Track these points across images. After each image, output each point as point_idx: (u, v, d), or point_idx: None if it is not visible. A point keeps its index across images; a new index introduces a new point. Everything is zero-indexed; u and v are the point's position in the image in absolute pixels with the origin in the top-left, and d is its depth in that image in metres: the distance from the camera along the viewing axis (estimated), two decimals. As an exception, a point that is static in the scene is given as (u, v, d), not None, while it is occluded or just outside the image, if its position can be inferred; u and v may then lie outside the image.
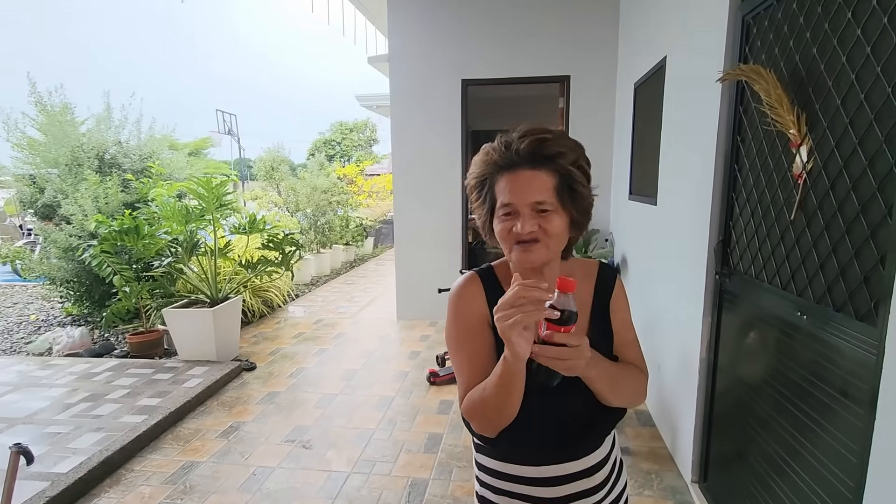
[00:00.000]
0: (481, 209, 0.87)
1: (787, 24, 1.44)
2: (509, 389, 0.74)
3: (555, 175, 0.80)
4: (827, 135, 1.24)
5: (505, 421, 0.79)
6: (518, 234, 0.79)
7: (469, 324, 0.87)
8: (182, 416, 2.85)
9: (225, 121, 18.04)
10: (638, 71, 3.35)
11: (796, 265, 1.39)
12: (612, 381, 0.82)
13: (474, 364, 0.84)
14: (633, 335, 0.95)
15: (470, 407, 0.82)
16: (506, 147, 0.81)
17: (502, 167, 0.82)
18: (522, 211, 0.79)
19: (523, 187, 0.79)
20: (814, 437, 1.30)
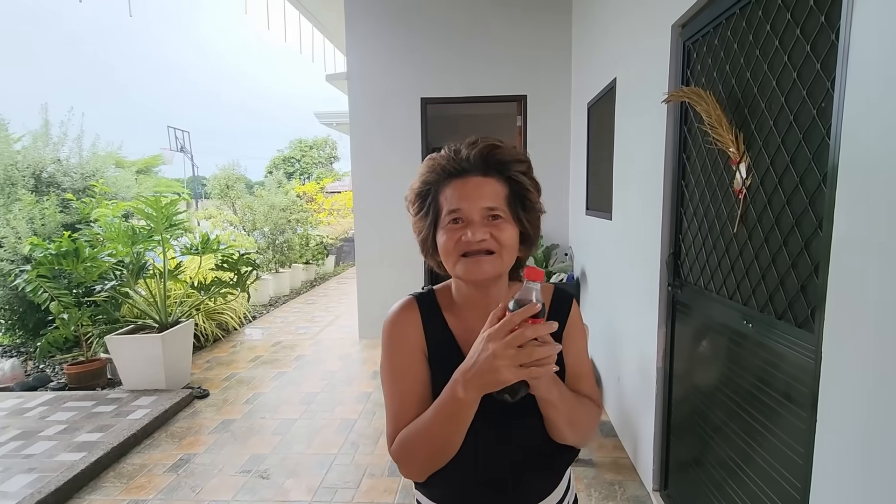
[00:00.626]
0: (423, 222, 0.79)
1: (724, 50, 1.54)
2: (459, 422, 0.68)
3: (506, 184, 0.77)
4: (762, 153, 1.32)
5: (444, 461, 0.72)
6: (468, 242, 0.73)
7: (403, 356, 0.79)
8: (126, 451, 2.66)
9: (177, 137, 17.44)
10: (591, 91, 3.49)
11: (740, 276, 1.46)
12: (571, 410, 0.74)
13: (407, 400, 0.77)
14: (588, 367, 0.87)
15: (404, 447, 0.74)
16: (455, 154, 0.77)
17: (451, 174, 0.76)
18: (473, 217, 0.73)
19: (473, 193, 0.74)
20: (763, 440, 1.35)
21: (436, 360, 0.79)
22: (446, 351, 0.80)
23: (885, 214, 0.87)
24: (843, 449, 0.99)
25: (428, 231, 0.79)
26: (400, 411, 0.77)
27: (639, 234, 2.33)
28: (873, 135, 0.90)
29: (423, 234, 0.80)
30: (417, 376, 0.78)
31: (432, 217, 0.78)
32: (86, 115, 5.18)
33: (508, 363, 0.60)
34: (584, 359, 0.86)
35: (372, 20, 4.41)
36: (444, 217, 0.76)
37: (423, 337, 0.80)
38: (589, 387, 0.84)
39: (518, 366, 0.61)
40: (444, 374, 0.71)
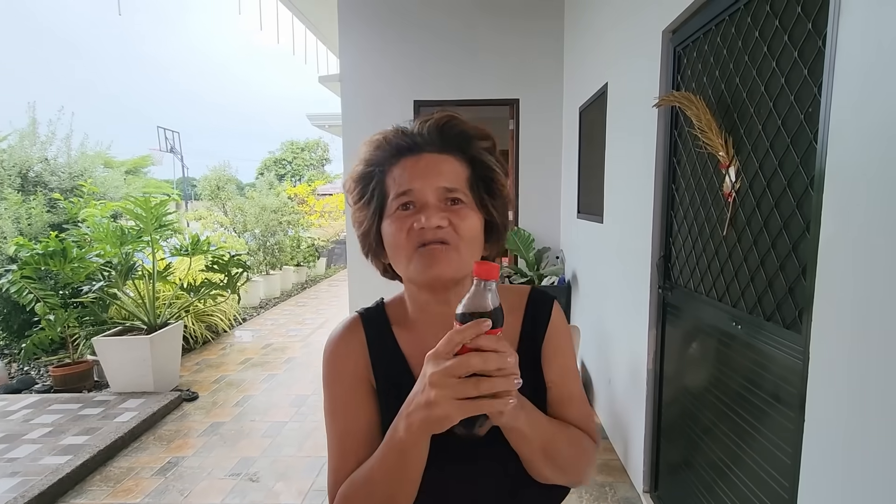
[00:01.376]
0: (364, 211, 0.65)
1: (713, 56, 1.56)
2: (405, 469, 0.54)
3: (467, 164, 0.63)
4: (751, 157, 1.34)
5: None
6: (422, 230, 0.58)
7: (343, 390, 0.64)
8: (113, 455, 2.62)
9: (167, 138, 17.28)
10: (582, 95, 3.52)
11: (730, 278, 1.48)
12: (547, 441, 0.59)
13: (348, 444, 0.62)
14: (578, 388, 0.68)
15: (349, 497, 0.58)
16: (405, 130, 0.64)
17: (401, 150, 0.62)
18: (427, 199, 0.59)
19: (428, 170, 0.60)
20: (752, 441, 1.37)
21: (384, 389, 0.64)
22: (396, 378, 0.64)
23: (871, 217, 0.89)
24: (829, 448, 1.01)
25: (371, 222, 0.64)
26: (340, 458, 0.62)
27: (629, 237, 2.35)
28: (859, 139, 0.92)
29: (364, 226, 0.65)
30: (361, 413, 0.63)
31: (377, 204, 0.63)
32: (75, 114, 5.12)
33: (449, 396, 0.46)
34: (572, 377, 0.68)
35: (365, 23, 4.42)
36: (392, 202, 0.61)
37: (368, 363, 0.65)
38: (578, 413, 0.67)
39: (461, 398, 0.46)
40: (395, 406, 0.56)
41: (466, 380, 0.45)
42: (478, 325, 0.46)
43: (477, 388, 0.45)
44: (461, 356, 0.46)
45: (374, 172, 0.64)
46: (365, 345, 0.67)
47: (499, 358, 0.46)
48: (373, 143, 0.65)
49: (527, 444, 0.57)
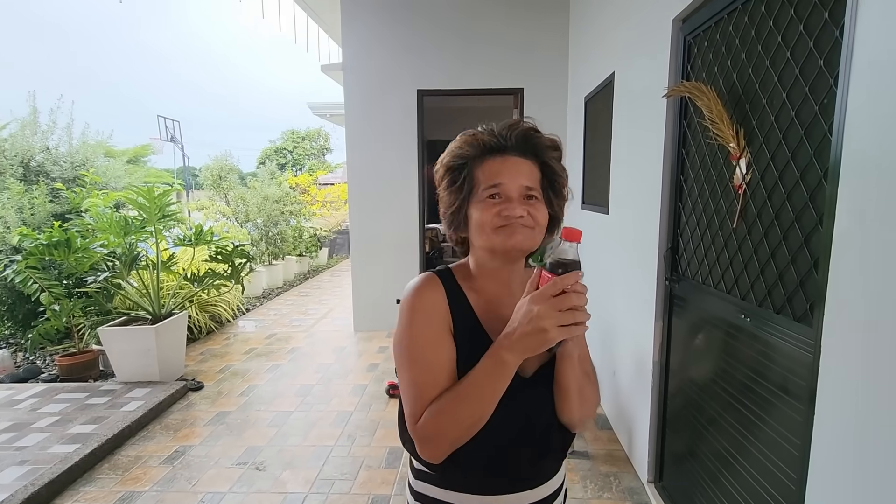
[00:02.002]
0: (455, 195, 0.79)
1: (725, 45, 1.54)
2: (501, 387, 0.69)
3: (540, 168, 0.79)
4: (763, 149, 1.33)
5: (470, 435, 0.72)
6: (508, 216, 0.74)
7: (432, 328, 0.77)
8: (120, 443, 2.64)
9: (167, 127, 17.18)
10: (588, 85, 3.49)
11: (739, 270, 1.47)
12: (582, 377, 0.77)
13: (437, 374, 0.74)
14: (587, 349, 0.86)
15: (438, 420, 0.72)
16: (498, 133, 0.79)
17: (491, 150, 0.78)
18: (512, 194, 0.75)
19: (514, 171, 0.76)
20: (758, 432, 1.37)
21: (460, 337, 0.78)
22: (470, 329, 0.79)
23: (886, 210, 0.88)
24: (840, 440, 1.01)
25: (461, 203, 0.79)
26: (428, 385, 0.74)
27: (636, 228, 2.34)
28: (876, 131, 0.91)
29: (454, 206, 0.80)
30: (446, 350, 0.76)
31: (466, 190, 0.78)
32: (75, 103, 5.09)
33: (555, 323, 0.63)
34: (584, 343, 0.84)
35: (368, 11, 4.37)
36: (482, 192, 0.76)
37: (448, 312, 0.79)
38: (591, 367, 0.85)
39: (561, 325, 0.64)
40: (467, 352, 0.76)
41: (567, 311, 0.63)
42: (576, 274, 0.64)
43: (574, 317, 0.64)
44: (564, 294, 0.63)
45: (466, 165, 0.79)
46: (445, 295, 0.80)
47: (582, 297, 0.64)
48: (465, 139, 0.80)
49: (573, 372, 0.75)
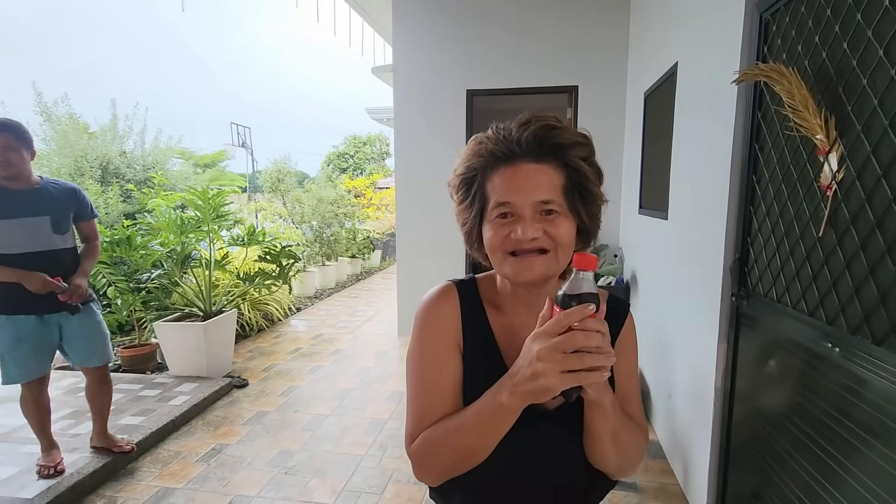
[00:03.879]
0: (467, 212, 0.71)
1: (812, 19, 1.28)
2: (496, 429, 0.62)
3: (563, 171, 0.66)
4: (861, 139, 1.08)
5: (468, 468, 0.66)
6: (518, 240, 0.64)
7: (436, 347, 0.71)
8: (164, 437, 2.72)
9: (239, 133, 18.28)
10: (647, 79, 3.21)
11: (826, 289, 1.21)
12: (618, 424, 0.65)
13: (436, 396, 0.69)
14: (638, 388, 0.77)
15: (428, 448, 0.67)
16: (504, 136, 0.67)
17: (499, 159, 0.66)
18: (523, 213, 0.64)
19: (525, 183, 0.64)
20: (837, 479, 1.12)
21: (470, 357, 0.72)
22: (483, 350, 0.72)
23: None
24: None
25: (473, 222, 0.70)
26: (427, 407, 0.69)
27: (699, 236, 2.07)
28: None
29: (467, 225, 0.72)
30: (450, 371, 0.70)
31: (478, 207, 0.69)
32: (151, 110, 5.45)
33: (556, 369, 0.53)
34: (635, 378, 0.76)
35: (419, 9, 4.31)
36: (491, 210, 0.67)
37: (459, 329, 0.72)
38: (637, 410, 0.75)
39: (565, 371, 0.53)
40: (476, 374, 0.69)
41: (572, 354, 0.53)
42: (584, 308, 0.53)
43: (581, 362, 0.53)
44: (568, 333, 0.53)
45: (476, 177, 0.69)
46: (458, 310, 0.73)
47: (600, 337, 0.53)
48: (472, 147, 0.70)
49: (604, 421, 0.63)
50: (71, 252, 2.25)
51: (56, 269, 2.13)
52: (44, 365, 2.21)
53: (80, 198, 2.29)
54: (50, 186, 2.18)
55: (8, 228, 2.05)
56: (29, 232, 2.08)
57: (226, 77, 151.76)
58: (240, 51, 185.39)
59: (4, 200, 2.05)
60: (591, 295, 0.54)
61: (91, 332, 2.28)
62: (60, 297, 2.11)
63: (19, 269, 2.05)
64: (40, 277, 2.05)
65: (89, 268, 2.29)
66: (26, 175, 2.09)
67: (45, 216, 2.12)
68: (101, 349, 2.32)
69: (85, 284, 2.22)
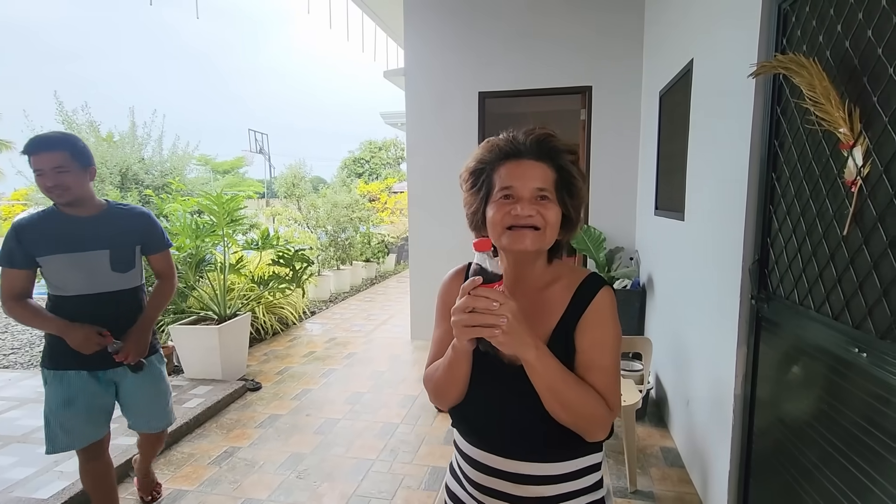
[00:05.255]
0: (475, 196, 0.88)
1: (833, 7, 1.23)
2: (454, 374, 0.82)
3: (555, 170, 0.84)
4: (889, 131, 1.02)
5: (451, 400, 0.87)
6: (517, 216, 0.80)
7: (443, 310, 0.94)
8: (178, 439, 2.74)
9: (257, 140, 18.58)
10: (663, 78, 3.14)
11: (851, 291, 1.15)
12: (560, 385, 0.76)
13: (440, 344, 0.90)
14: (609, 362, 0.83)
15: (426, 379, 0.91)
16: (514, 138, 0.85)
17: (507, 155, 0.84)
18: (523, 195, 0.81)
19: (526, 173, 0.82)
20: (867, 494, 1.05)
21: None
22: None
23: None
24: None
25: (479, 205, 0.87)
26: (434, 350, 0.92)
27: (716, 237, 2.00)
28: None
29: (473, 207, 0.88)
30: (447, 330, 0.85)
31: (484, 192, 0.86)
32: (168, 116, 5.56)
33: (458, 322, 0.70)
34: (604, 352, 0.83)
35: (431, 12, 4.31)
36: (497, 193, 0.83)
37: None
38: (600, 381, 0.81)
39: (466, 326, 0.70)
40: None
41: (469, 313, 0.69)
42: (472, 281, 0.70)
43: (472, 319, 0.69)
44: (464, 298, 0.70)
45: (486, 169, 0.86)
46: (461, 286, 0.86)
47: (485, 301, 0.68)
48: (486, 146, 0.87)
49: (536, 378, 0.76)
50: (134, 294, 1.83)
51: (114, 316, 1.76)
52: (98, 429, 1.82)
53: (150, 225, 1.86)
54: (116, 211, 1.79)
55: (62, 265, 1.68)
56: (84, 269, 1.70)
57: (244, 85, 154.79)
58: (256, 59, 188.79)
59: (62, 229, 1.68)
60: (482, 269, 0.70)
61: (152, 392, 1.92)
62: (115, 356, 1.73)
63: (70, 314, 1.69)
64: (82, 332, 1.66)
65: (154, 316, 1.89)
66: (88, 198, 1.73)
67: (104, 250, 1.72)
68: (163, 411, 1.98)
69: (145, 340, 1.81)
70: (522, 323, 0.71)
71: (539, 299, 0.86)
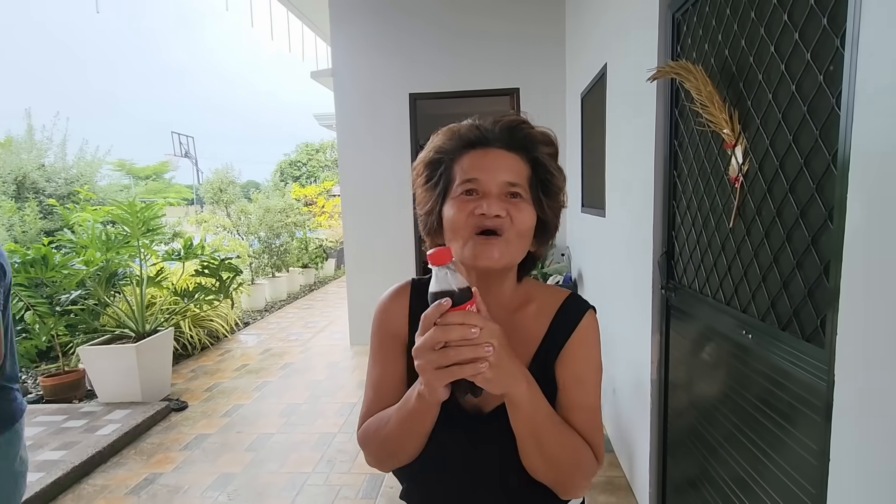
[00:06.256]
0: (430, 193, 0.70)
1: (715, 17, 1.33)
2: (415, 429, 0.63)
3: (530, 164, 0.68)
4: (761, 132, 1.12)
5: (403, 460, 0.68)
6: (483, 216, 0.63)
7: (382, 344, 0.74)
8: (89, 471, 2.50)
9: (181, 143, 17.49)
10: (583, 81, 3.29)
11: (738, 278, 1.25)
12: (542, 425, 0.61)
13: (378, 389, 0.72)
14: (594, 401, 0.70)
15: (365, 436, 0.70)
16: (478, 125, 0.69)
17: (471, 143, 0.68)
18: (490, 189, 0.64)
19: (494, 163, 0.66)
20: (764, 471, 1.14)
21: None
22: None
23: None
24: (861, 498, 0.79)
25: (434, 203, 0.69)
26: (371, 399, 0.72)
27: (631, 231, 2.12)
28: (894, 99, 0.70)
29: (428, 206, 0.70)
30: (392, 367, 0.73)
31: (442, 187, 0.68)
32: (74, 119, 5.08)
33: (427, 367, 0.52)
34: (585, 387, 0.69)
35: (357, 12, 4.25)
36: (456, 187, 0.66)
37: (406, 326, 0.73)
38: (581, 421, 0.67)
39: (439, 369, 0.52)
40: None
41: (440, 350, 0.51)
42: (438, 305, 0.52)
43: (447, 357, 0.51)
44: (429, 331, 0.52)
45: (444, 159, 0.69)
46: (408, 308, 0.74)
47: (461, 329, 0.51)
48: (446, 133, 0.70)
49: (521, 420, 0.60)
50: None
51: None
52: None
53: None
54: None
55: None
56: None
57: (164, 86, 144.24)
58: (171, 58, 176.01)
59: None
60: (448, 290, 0.52)
61: None
62: None
63: None
64: None
65: None
66: None
67: None
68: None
69: None
70: (509, 350, 0.56)
71: (510, 326, 0.67)
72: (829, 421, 0.86)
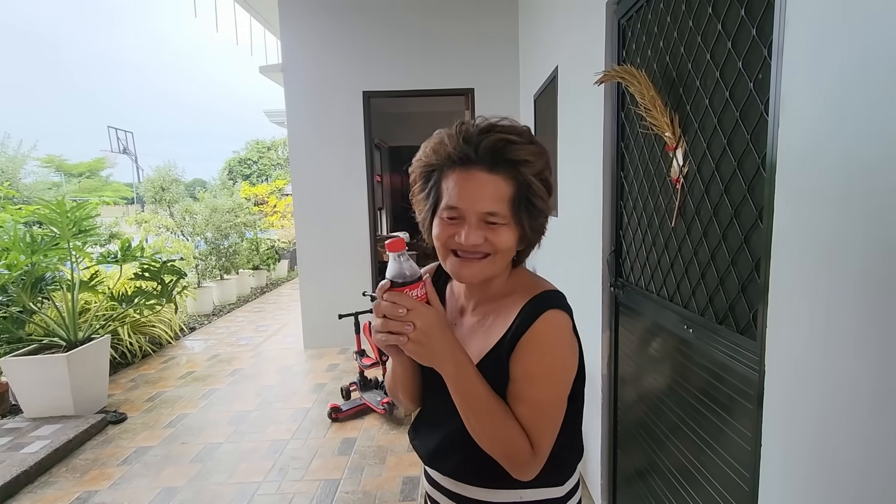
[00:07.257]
0: (423, 204, 0.76)
1: (657, 24, 1.39)
2: (395, 374, 0.83)
3: (513, 184, 0.70)
4: (699, 136, 1.17)
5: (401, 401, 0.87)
6: (460, 244, 0.70)
7: None
8: (14, 493, 2.30)
9: (119, 139, 16.46)
10: (536, 82, 3.35)
11: (680, 274, 1.31)
12: (480, 407, 0.69)
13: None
14: (542, 397, 0.71)
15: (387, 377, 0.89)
16: (464, 140, 0.69)
17: (456, 161, 0.70)
18: (469, 218, 0.70)
19: (475, 193, 0.69)
20: (706, 461, 1.20)
21: None
22: None
23: (832, 200, 0.71)
24: (789, 478, 0.84)
25: (427, 214, 0.76)
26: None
27: (582, 231, 2.18)
28: (817, 107, 0.75)
29: (422, 215, 0.77)
30: None
31: (432, 202, 0.74)
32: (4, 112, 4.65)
33: (376, 331, 0.66)
34: (534, 382, 0.71)
35: (307, 8, 4.14)
36: (442, 210, 0.72)
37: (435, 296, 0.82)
38: (527, 416, 0.70)
39: (378, 333, 0.66)
40: None
41: (381, 320, 0.65)
42: (381, 286, 0.65)
43: (383, 326, 0.65)
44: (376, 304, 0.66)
45: (434, 172, 0.73)
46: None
47: (390, 307, 0.64)
48: (436, 141, 0.73)
49: (455, 395, 0.69)
50: None
51: None
52: None
53: None
54: None
55: None
56: None
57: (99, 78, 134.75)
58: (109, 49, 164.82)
59: None
60: (398, 273, 0.64)
61: None
62: None
63: None
64: None
65: None
66: None
67: None
68: None
69: None
70: (445, 333, 0.66)
71: (493, 313, 0.77)
72: (760, 408, 0.91)
